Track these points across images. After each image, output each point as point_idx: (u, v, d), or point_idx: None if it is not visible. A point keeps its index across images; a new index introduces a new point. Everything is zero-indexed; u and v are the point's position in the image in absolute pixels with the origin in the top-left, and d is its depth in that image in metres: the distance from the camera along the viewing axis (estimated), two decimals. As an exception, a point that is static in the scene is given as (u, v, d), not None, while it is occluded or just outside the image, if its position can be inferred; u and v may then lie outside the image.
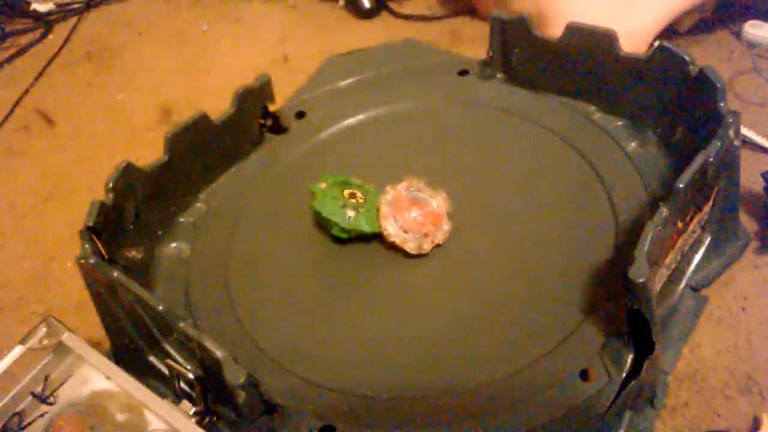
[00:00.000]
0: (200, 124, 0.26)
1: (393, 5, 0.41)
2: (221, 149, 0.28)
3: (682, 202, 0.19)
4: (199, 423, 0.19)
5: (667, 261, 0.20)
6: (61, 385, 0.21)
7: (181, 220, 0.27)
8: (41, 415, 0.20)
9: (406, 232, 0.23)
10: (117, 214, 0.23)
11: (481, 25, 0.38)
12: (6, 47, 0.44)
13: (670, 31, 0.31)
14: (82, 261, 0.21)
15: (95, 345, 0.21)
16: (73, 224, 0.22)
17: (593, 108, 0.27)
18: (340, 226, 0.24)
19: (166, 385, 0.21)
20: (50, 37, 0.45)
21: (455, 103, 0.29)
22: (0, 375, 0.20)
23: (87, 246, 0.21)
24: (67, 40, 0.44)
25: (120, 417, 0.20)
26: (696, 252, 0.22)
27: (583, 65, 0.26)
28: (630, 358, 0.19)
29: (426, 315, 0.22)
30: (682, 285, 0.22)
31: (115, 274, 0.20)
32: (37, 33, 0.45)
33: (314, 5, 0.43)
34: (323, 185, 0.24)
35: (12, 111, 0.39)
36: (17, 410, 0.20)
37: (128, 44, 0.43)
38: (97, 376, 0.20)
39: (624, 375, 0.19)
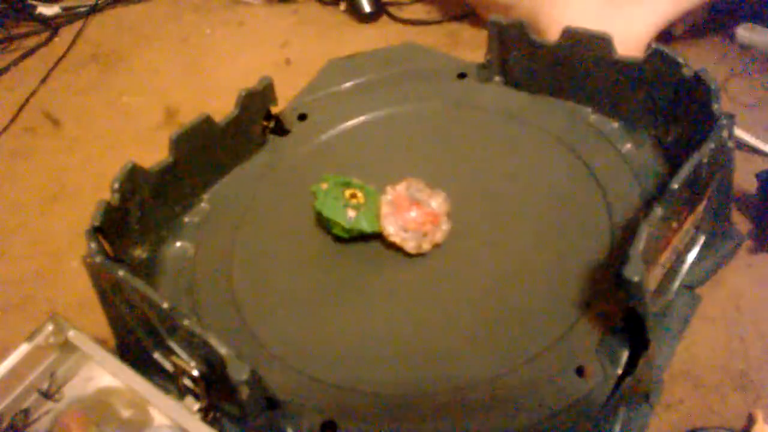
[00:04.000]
0: (204, 126, 0.26)
1: (393, 10, 0.42)
2: (225, 150, 0.28)
3: (677, 202, 0.20)
4: (202, 419, 0.19)
5: (662, 260, 0.21)
6: (67, 382, 0.21)
7: (186, 220, 0.27)
8: (47, 412, 0.20)
9: (405, 231, 0.24)
10: (122, 214, 0.24)
11: (480, 29, 0.38)
12: (12, 50, 0.45)
13: (664, 35, 0.32)
14: (88, 260, 0.21)
15: (101, 343, 0.21)
16: (79, 224, 0.22)
17: (589, 110, 0.28)
18: (341, 226, 0.24)
19: (170, 382, 0.21)
20: (56, 40, 0.45)
21: (454, 106, 0.30)
22: (6, 373, 0.20)
23: (93, 245, 0.21)
24: (72, 43, 0.44)
25: (125, 413, 0.20)
26: (690, 251, 0.22)
27: (579, 68, 0.27)
28: (625, 355, 0.19)
29: (425, 313, 0.22)
30: (677, 283, 0.22)
31: (121, 273, 0.20)
32: (43, 36, 0.45)
33: (316, 10, 0.44)
34: (324, 186, 0.25)
35: (18, 113, 0.40)
36: (23, 407, 0.20)
37: (133, 47, 0.44)
38: (103, 373, 0.21)
39: (619, 372, 0.19)
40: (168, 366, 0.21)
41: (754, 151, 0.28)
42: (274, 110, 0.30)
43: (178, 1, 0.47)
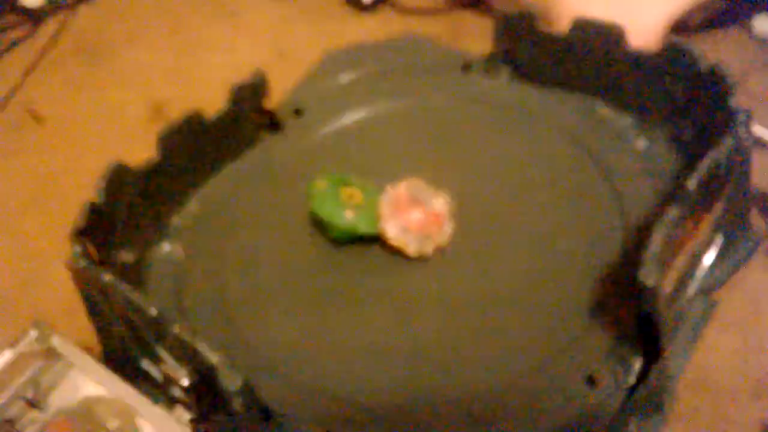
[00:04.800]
0: (193, 123, 0.25)
1: (393, -1, 0.41)
2: (215, 148, 0.27)
3: (692, 202, 0.19)
4: (193, 430, 0.19)
5: (677, 263, 0.20)
6: (52, 391, 0.20)
7: (175, 221, 0.26)
8: (32, 422, 0.20)
9: (407, 233, 0.23)
10: (108, 216, 0.23)
11: (485, 20, 0.37)
12: (-6, 43, 0.44)
13: (680, 27, 0.30)
14: (73, 264, 0.20)
15: (86, 350, 0.20)
16: (64, 226, 0.21)
17: (600, 104, 0.27)
18: (338, 228, 0.23)
19: (159, 391, 0.20)
20: (40, 32, 0.44)
21: (458, 100, 0.29)
22: (-11, 380, 0.20)
23: (77, 248, 0.20)
24: (57, 36, 0.43)
25: (112, 423, 0.19)
26: (706, 254, 0.22)
27: (591, 61, 0.26)
28: (638, 363, 0.18)
29: (427, 319, 0.22)
30: (693, 288, 0.21)
31: (107, 277, 0.19)
32: (26, 29, 0.44)
33: (312, -1, 0.43)
34: (321, 185, 0.24)
35: (0, 109, 0.38)
36: (7, 417, 0.20)
37: (120, 40, 0.42)
38: (89, 382, 0.20)
39: (632, 381, 0.18)
40: (157, 374, 0.20)
41: (772, 147, 0.28)
42: (268, 105, 0.29)
43: (167, -10, 0.45)
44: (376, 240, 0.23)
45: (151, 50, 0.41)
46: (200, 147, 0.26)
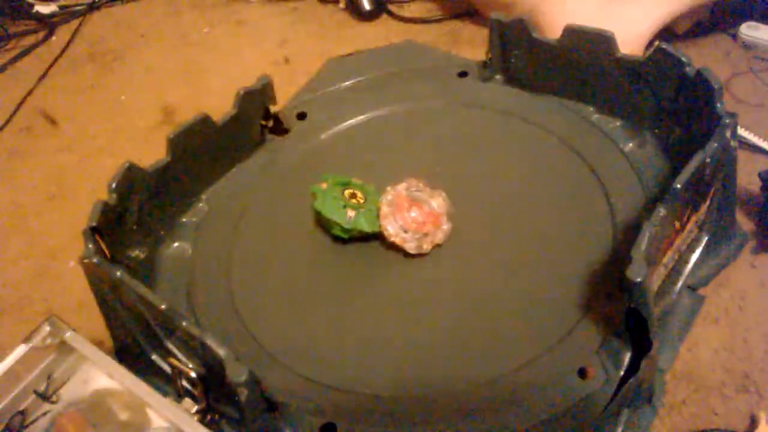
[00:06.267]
0: (202, 125, 0.26)
1: (393, 8, 0.42)
2: (223, 150, 0.28)
3: (680, 202, 0.19)
4: (201, 421, 0.19)
5: (665, 260, 0.21)
6: (64, 383, 0.21)
7: (184, 220, 0.27)
8: (44, 414, 0.20)
9: (406, 231, 0.23)
10: (120, 215, 0.24)
11: (480, 28, 0.38)
12: (9, 49, 0.44)
13: (667, 33, 0.31)
14: (86, 261, 0.21)
15: (98, 344, 0.21)
16: (76, 224, 0.22)
17: (591, 109, 0.28)
18: (340, 226, 0.24)
19: (168, 384, 0.21)
20: (53, 38, 0.45)
21: (455, 105, 0.29)
22: (3, 374, 0.20)
23: (90, 246, 0.21)
24: (70, 42, 0.44)
25: (122, 415, 0.20)
26: (693, 251, 0.22)
27: (582, 67, 0.26)
28: (628, 356, 0.19)
29: (425, 314, 0.22)
30: (680, 284, 0.22)
31: (119, 273, 0.20)
32: (40, 35, 0.45)
33: (315, 7, 0.43)
34: (324, 185, 0.25)
35: (15, 112, 0.39)
36: (20, 409, 0.20)
37: (130, 46, 0.43)
38: (100, 375, 0.21)
39: (622, 373, 0.19)
40: (166, 367, 0.21)
41: (758, 150, 0.28)
42: (273, 109, 0.30)
43: (176, -2, 0.47)
44: (377, 238, 0.24)
45: (161, 56, 0.42)
46: (209, 149, 0.27)
